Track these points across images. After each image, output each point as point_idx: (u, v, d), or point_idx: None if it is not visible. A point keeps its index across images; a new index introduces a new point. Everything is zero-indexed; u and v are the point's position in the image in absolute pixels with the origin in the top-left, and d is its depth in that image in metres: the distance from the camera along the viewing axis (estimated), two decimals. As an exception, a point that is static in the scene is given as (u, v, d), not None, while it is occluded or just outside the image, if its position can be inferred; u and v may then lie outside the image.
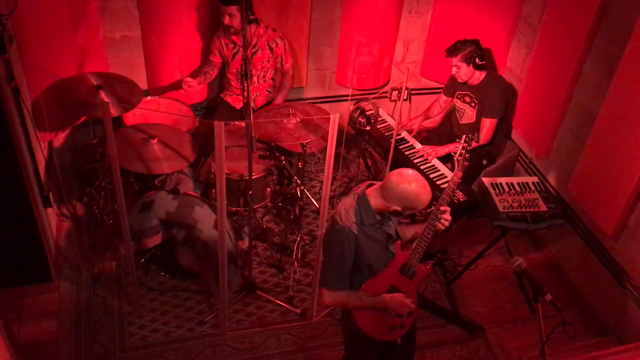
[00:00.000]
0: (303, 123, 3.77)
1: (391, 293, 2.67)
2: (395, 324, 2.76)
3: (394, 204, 2.47)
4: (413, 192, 2.43)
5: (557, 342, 3.62)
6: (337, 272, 2.58)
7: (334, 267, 2.58)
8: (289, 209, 4.40)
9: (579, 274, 4.16)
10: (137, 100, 3.78)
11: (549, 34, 4.12)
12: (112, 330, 3.68)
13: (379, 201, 2.51)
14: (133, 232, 3.49)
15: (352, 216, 2.51)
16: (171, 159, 3.62)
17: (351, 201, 2.55)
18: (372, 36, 4.63)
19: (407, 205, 2.47)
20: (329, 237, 2.58)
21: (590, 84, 3.86)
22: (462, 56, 4.13)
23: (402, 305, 2.67)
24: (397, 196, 2.45)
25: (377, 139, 4.51)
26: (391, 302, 2.65)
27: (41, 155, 3.94)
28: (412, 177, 2.45)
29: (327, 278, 2.61)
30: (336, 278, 2.59)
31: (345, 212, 2.52)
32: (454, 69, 4.23)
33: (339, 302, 2.66)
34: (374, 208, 2.53)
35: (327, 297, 2.63)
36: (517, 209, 3.81)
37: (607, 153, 3.65)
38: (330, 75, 4.98)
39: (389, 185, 2.46)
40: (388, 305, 2.65)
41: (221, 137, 2.81)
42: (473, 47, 4.13)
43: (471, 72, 4.21)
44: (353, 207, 2.53)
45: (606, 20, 3.66)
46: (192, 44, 4.38)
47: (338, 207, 2.57)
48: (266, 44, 4.25)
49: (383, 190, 2.49)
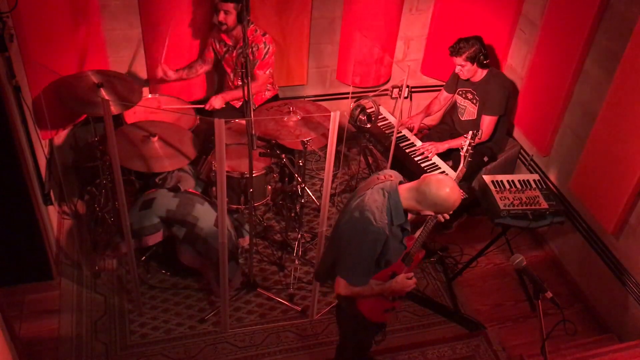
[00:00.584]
0: (304, 121, 3.76)
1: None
2: (389, 307, 2.90)
3: (427, 209, 2.49)
4: (450, 199, 2.45)
5: (558, 340, 3.63)
6: (364, 270, 2.60)
7: (362, 265, 2.58)
8: (290, 206, 4.40)
9: (579, 271, 4.16)
10: (138, 98, 3.78)
11: (550, 31, 4.12)
12: (113, 327, 3.69)
13: (411, 203, 2.51)
14: (134, 230, 3.50)
15: (385, 217, 2.50)
16: (172, 156, 3.62)
17: (383, 200, 2.52)
18: (372, 34, 4.63)
19: (440, 211, 2.52)
20: (360, 234, 2.52)
21: (591, 81, 3.85)
22: (467, 56, 4.13)
23: (405, 286, 2.72)
24: (433, 202, 2.46)
25: (377, 137, 4.51)
26: (396, 286, 2.71)
27: (42, 153, 3.94)
28: (448, 182, 2.47)
29: (352, 274, 2.62)
30: (362, 274, 2.62)
31: (379, 212, 2.50)
32: (458, 68, 4.22)
33: (354, 293, 2.70)
34: (405, 208, 2.53)
35: (344, 289, 2.66)
36: (518, 207, 3.81)
37: (608, 150, 3.65)
38: (331, 73, 4.98)
39: (427, 191, 2.45)
40: (394, 290, 2.72)
41: (222, 135, 2.81)
42: (477, 45, 4.12)
43: (475, 70, 4.21)
44: (385, 207, 2.51)
45: (607, 17, 3.66)
46: (193, 41, 4.38)
47: (369, 205, 2.51)
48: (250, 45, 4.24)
49: (418, 194, 2.48)
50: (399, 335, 3.80)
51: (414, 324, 3.91)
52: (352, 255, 2.58)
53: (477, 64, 4.17)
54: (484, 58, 4.16)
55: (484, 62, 4.17)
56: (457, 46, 4.15)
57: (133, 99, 3.75)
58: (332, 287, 4.00)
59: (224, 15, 4.03)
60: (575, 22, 3.85)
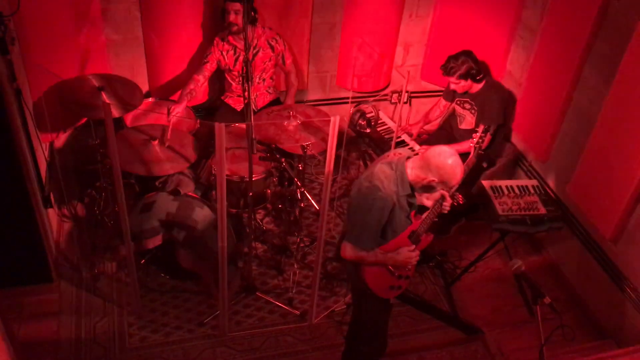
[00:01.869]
0: (303, 125, 3.78)
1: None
2: (395, 285, 2.99)
3: (430, 175, 2.61)
4: (452, 164, 2.58)
5: (556, 345, 3.62)
6: (371, 234, 2.74)
7: (370, 230, 2.72)
8: (289, 210, 4.41)
9: (578, 277, 4.17)
10: (139, 102, 3.79)
11: (549, 38, 4.14)
12: (112, 330, 3.69)
13: (415, 172, 2.65)
14: (133, 233, 3.50)
15: (392, 186, 2.66)
16: (172, 160, 3.63)
17: (391, 171, 2.68)
18: (372, 39, 4.65)
19: (443, 178, 2.61)
20: (369, 200, 2.67)
21: (589, 87, 3.87)
22: (459, 74, 4.15)
23: (408, 258, 2.86)
24: (436, 165, 2.58)
25: (377, 142, 4.52)
26: (399, 257, 2.84)
27: (42, 156, 3.95)
28: (451, 152, 2.62)
29: (359, 237, 2.75)
30: (369, 239, 2.75)
31: (387, 180, 2.66)
32: (452, 85, 4.25)
33: (358, 257, 2.81)
34: (410, 179, 2.68)
35: (350, 252, 2.79)
36: (517, 212, 3.82)
37: (607, 156, 3.66)
38: (331, 77, 4.99)
39: (429, 154, 2.61)
40: (396, 260, 2.85)
41: (222, 138, 2.82)
42: (468, 63, 4.13)
43: (470, 84, 4.23)
44: (394, 177, 2.67)
45: (606, 24, 3.68)
46: (194, 45, 4.39)
47: (377, 174, 2.67)
48: (266, 43, 4.26)
49: (422, 160, 2.64)
50: (397, 339, 3.79)
51: (412, 328, 3.91)
52: (360, 220, 2.73)
53: (470, 79, 4.20)
54: (476, 73, 4.18)
55: (477, 78, 4.20)
56: (448, 66, 4.17)
57: (134, 103, 3.76)
58: (332, 291, 4.03)
59: (234, 16, 4.03)
60: (574, 29, 3.87)
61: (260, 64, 4.30)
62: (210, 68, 4.24)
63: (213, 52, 4.22)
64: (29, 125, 3.61)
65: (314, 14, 4.55)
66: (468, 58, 4.14)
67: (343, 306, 3.92)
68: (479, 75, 4.19)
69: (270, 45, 4.27)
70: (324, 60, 4.87)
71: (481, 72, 4.21)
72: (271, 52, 4.29)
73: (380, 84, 5.02)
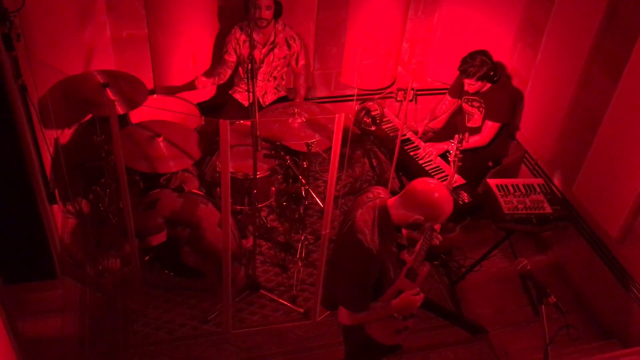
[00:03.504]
0: (308, 123, 3.76)
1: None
2: (401, 328, 2.74)
3: (416, 213, 2.38)
4: (438, 200, 2.36)
5: (561, 345, 3.60)
6: (362, 294, 2.53)
7: (360, 290, 2.51)
8: (294, 208, 4.41)
9: (583, 276, 4.15)
10: (143, 98, 3.79)
11: (555, 36, 4.11)
12: (116, 327, 3.70)
13: (400, 212, 2.43)
14: (138, 229, 3.50)
15: (376, 237, 2.43)
16: (177, 157, 3.63)
17: (373, 218, 2.46)
18: (378, 36, 4.63)
19: (429, 214, 2.39)
20: (354, 260, 2.47)
21: (596, 86, 3.85)
22: (479, 76, 4.13)
23: (412, 303, 2.60)
24: (419, 203, 2.37)
25: (382, 139, 4.51)
26: (400, 303, 2.59)
27: (47, 153, 3.95)
28: (435, 185, 2.40)
29: (351, 300, 2.56)
30: (361, 300, 2.55)
31: (370, 233, 2.43)
32: (467, 85, 4.22)
33: (359, 321, 2.62)
34: (395, 221, 2.46)
35: (348, 318, 2.60)
36: (522, 211, 3.80)
37: (613, 155, 3.64)
38: (336, 75, 4.98)
39: (411, 192, 2.40)
40: (399, 308, 2.60)
41: (226, 136, 2.81)
42: (487, 65, 4.10)
43: (484, 84, 4.21)
44: (376, 226, 2.45)
45: (613, 23, 3.65)
46: (199, 42, 4.39)
47: (359, 226, 2.45)
48: (284, 40, 4.25)
49: (405, 198, 2.41)
50: (401, 338, 3.80)
51: (416, 327, 3.89)
52: (348, 283, 2.54)
53: (487, 80, 4.17)
54: (494, 75, 4.15)
55: (494, 79, 4.17)
56: (467, 69, 4.13)
57: (139, 99, 3.76)
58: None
59: (267, 11, 4.03)
60: (580, 27, 3.85)
61: (275, 60, 4.29)
62: (229, 59, 4.28)
63: (230, 41, 4.25)
64: (34, 121, 3.61)
65: (319, 11, 4.55)
66: (486, 58, 4.11)
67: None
68: (496, 76, 4.17)
69: (287, 44, 4.26)
70: (330, 57, 4.86)
71: (497, 73, 4.19)
72: (287, 50, 4.28)
73: (386, 82, 5.00)
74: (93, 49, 4.14)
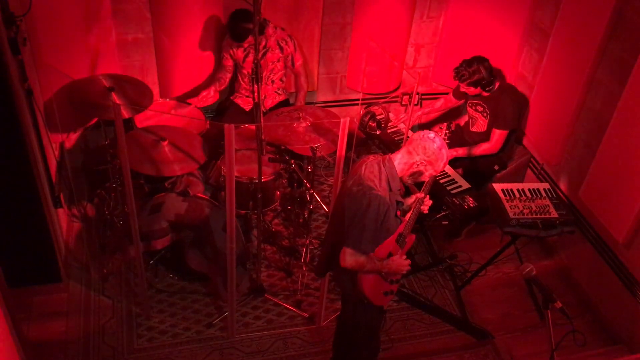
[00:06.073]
0: (313, 127, 3.76)
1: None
2: (387, 290, 2.95)
3: (417, 156, 2.67)
4: (433, 140, 2.67)
5: (567, 350, 3.58)
6: (371, 236, 2.69)
7: (369, 231, 2.67)
8: (298, 212, 4.40)
9: (589, 281, 4.13)
10: (149, 102, 3.79)
11: (562, 40, 4.10)
12: (120, 331, 3.69)
13: (402, 159, 2.72)
14: (142, 233, 3.50)
15: (385, 184, 2.69)
16: (182, 161, 3.63)
17: (379, 170, 2.71)
18: (383, 40, 4.63)
19: (430, 157, 2.67)
20: (365, 202, 2.65)
21: (602, 90, 3.83)
22: (468, 82, 4.17)
23: (401, 265, 2.83)
24: (419, 145, 2.67)
25: (387, 143, 4.51)
26: (392, 264, 2.81)
27: (52, 156, 3.96)
28: (435, 135, 2.71)
29: (360, 240, 2.70)
30: (370, 241, 2.70)
31: (378, 180, 2.68)
32: (462, 87, 4.25)
33: (358, 264, 2.74)
34: (399, 171, 2.73)
35: (350, 259, 2.72)
36: (528, 216, 3.78)
37: (619, 160, 3.62)
38: (341, 79, 4.98)
39: (411, 139, 2.71)
40: (391, 268, 2.82)
41: (231, 140, 2.81)
42: (480, 73, 4.12)
43: (479, 91, 4.22)
44: (385, 175, 2.71)
45: (620, 26, 3.64)
46: (204, 46, 4.39)
47: (367, 176, 2.69)
48: (276, 43, 4.26)
49: (406, 147, 2.72)
50: (406, 343, 3.78)
51: (421, 332, 3.88)
52: (359, 224, 2.68)
53: (480, 87, 4.18)
54: (486, 84, 4.16)
55: (487, 88, 4.18)
56: (460, 72, 4.18)
57: (144, 103, 3.76)
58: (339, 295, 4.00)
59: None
60: (587, 31, 3.83)
61: (268, 63, 4.30)
62: (227, 64, 4.35)
63: (225, 46, 4.31)
64: (39, 125, 3.62)
65: (324, 15, 4.55)
66: (481, 67, 4.13)
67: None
68: (489, 86, 4.18)
69: (279, 46, 4.27)
70: (335, 61, 4.86)
71: (492, 83, 4.20)
72: (280, 53, 4.29)
73: (391, 86, 5.00)
74: (99, 52, 4.15)
